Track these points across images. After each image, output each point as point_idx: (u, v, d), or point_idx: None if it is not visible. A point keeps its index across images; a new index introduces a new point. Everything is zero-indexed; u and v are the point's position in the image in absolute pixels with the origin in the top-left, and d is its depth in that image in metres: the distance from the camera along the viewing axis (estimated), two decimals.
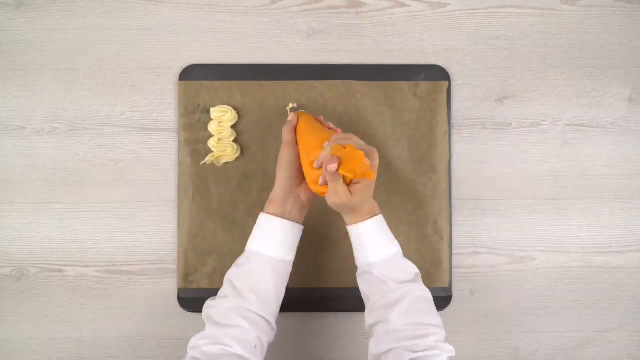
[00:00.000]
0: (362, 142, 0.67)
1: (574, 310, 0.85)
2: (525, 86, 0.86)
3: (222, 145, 0.82)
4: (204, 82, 0.84)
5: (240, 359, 0.62)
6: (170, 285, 0.84)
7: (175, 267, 0.83)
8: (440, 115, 0.84)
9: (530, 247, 0.85)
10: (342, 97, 0.84)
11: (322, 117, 0.76)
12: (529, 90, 0.86)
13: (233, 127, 0.83)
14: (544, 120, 0.85)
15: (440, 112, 0.84)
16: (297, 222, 0.71)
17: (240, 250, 0.82)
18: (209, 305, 0.67)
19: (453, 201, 0.84)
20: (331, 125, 0.74)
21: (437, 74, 0.85)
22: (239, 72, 0.84)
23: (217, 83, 0.84)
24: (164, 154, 0.84)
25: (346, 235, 0.82)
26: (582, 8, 0.86)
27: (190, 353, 0.63)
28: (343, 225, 0.82)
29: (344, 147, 0.64)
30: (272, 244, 0.69)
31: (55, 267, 0.83)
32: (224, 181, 0.83)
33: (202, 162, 0.83)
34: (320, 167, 0.66)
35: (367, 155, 0.64)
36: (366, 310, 0.69)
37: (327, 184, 0.65)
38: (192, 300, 0.82)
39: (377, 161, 0.66)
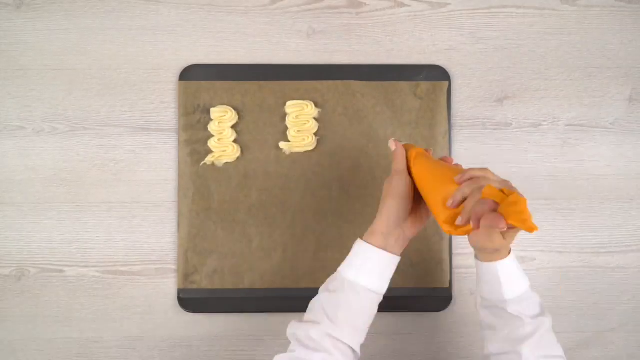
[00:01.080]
0: (502, 179, 0.60)
1: (574, 310, 0.85)
2: (525, 86, 0.86)
3: (222, 145, 0.82)
4: (204, 82, 0.84)
5: None
6: (170, 285, 0.84)
7: (175, 267, 0.83)
8: (440, 115, 0.84)
9: (530, 247, 0.85)
10: (342, 97, 0.84)
11: (431, 149, 0.74)
12: (529, 90, 0.86)
13: (233, 127, 0.83)
14: (544, 120, 0.85)
15: (440, 112, 0.84)
16: (397, 255, 0.67)
17: (241, 250, 0.82)
18: (297, 327, 0.65)
19: None
20: (448, 157, 0.69)
21: (437, 74, 0.85)
22: (239, 72, 0.84)
23: (217, 83, 0.84)
24: (164, 154, 0.84)
25: (347, 236, 0.82)
26: (582, 8, 0.86)
27: None
28: (345, 225, 0.82)
29: (503, 191, 0.56)
30: (370, 276, 0.65)
31: (55, 267, 0.83)
32: (224, 181, 0.83)
33: (202, 162, 0.83)
34: (457, 207, 0.60)
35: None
36: (488, 338, 0.67)
37: (468, 224, 0.59)
38: (192, 300, 0.82)
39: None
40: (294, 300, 0.82)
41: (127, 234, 0.84)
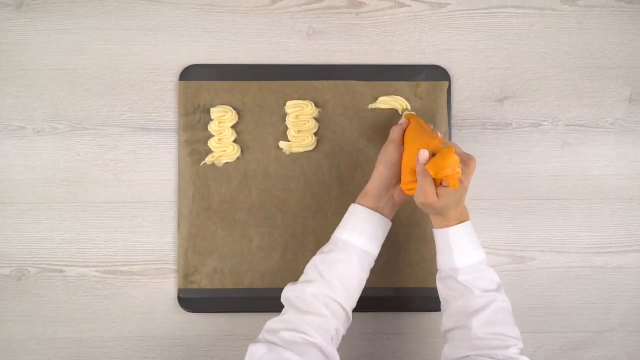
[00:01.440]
0: (463, 151, 0.67)
1: (574, 310, 0.85)
2: (525, 86, 0.86)
3: (222, 145, 0.82)
4: (204, 82, 0.84)
5: (316, 349, 0.61)
6: (170, 285, 0.84)
7: (175, 267, 0.83)
8: (440, 115, 0.84)
9: (530, 247, 0.85)
10: (342, 97, 0.84)
11: (432, 125, 0.77)
12: (529, 90, 0.86)
13: (233, 127, 0.83)
14: (544, 120, 0.85)
15: (440, 112, 0.84)
16: (388, 218, 0.71)
17: (241, 250, 0.82)
18: (290, 289, 0.66)
19: None
20: (439, 134, 0.73)
21: (437, 74, 0.85)
22: (239, 72, 0.84)
23: (217, 83, 0.84)
24: (164, 154, 0.84)
25: None
26: (582, 8, 0.86)
27: (266, 336, 0.62)
28: None
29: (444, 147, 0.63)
30: (362, 235, 0.68)
31: (55, 267, 0.83)
32: (224, 181, 0.83)
33: (202, 162, 0.83)
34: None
35: (463, 162, 0.63)
36: (444, 314, 0.69)
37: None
38: (192, 300, 0.82)
39: (471, 169, 0.64)
40: None
41: (127, 234, 0.84)
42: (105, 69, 0.85)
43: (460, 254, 0.67)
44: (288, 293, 0.67)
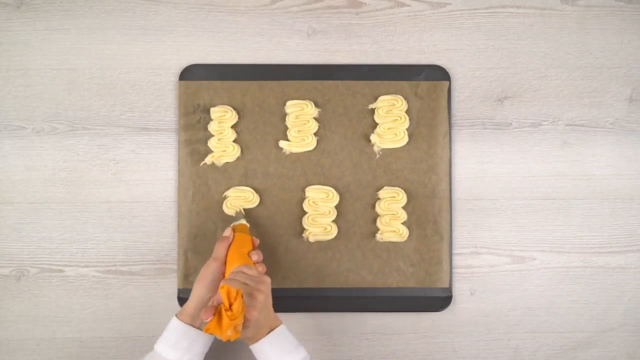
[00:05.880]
0: (253, 275, 0.69)
1: (574, 310, 0.85)
2: (525, 86, 0.86)
3: (222, 145, 0.82)
4: (204, 82, 0.84)
5: None
6: (170, 285, 0.83)
7: (175, 267, 0.83)
8: (440, 115, 0.84)
9: (530, 247, 0.85)
10: (342, 97, 0.84)
11: (258, 240, 0.77)
12: (529, 90, 0.86)
13: (233, 127, 0.83)
14: (544, 120, 0.85)
15: (440, 112, 0.84)
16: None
17: None
18: None
19: (453, 201, 0.84)
20: (254, 257, 0.73)
21: (437, 74, 0.85)
22: (239, 72, 0.84)
23: (217, 83, 0.84)
24: (164, 154, 0.84)
25: (347, 236, 0.82)
26: (582, 8, 0.86)
27: None
28: (343, 226, 0.82)
29: (234, 298, 0.62)
30: (175, 349, 0.68)
31: (55, 267, 0.83)
32: (224, 181, 0.83)
33: (202, 162, 0.83)
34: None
35: (249, 295, 0.66)
36: None
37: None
38: None
39: (259, 300, 0.66)
40: (294, 300, 0.82)
41: (127, 234, 0.84)
42: (105, 69, 0.85)
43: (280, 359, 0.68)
44: None
